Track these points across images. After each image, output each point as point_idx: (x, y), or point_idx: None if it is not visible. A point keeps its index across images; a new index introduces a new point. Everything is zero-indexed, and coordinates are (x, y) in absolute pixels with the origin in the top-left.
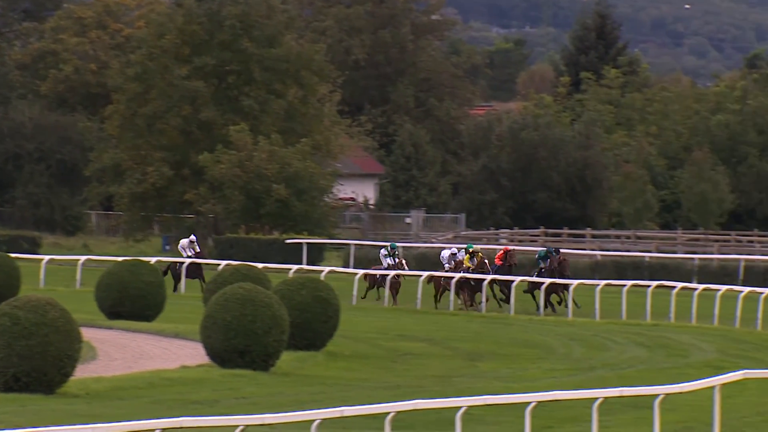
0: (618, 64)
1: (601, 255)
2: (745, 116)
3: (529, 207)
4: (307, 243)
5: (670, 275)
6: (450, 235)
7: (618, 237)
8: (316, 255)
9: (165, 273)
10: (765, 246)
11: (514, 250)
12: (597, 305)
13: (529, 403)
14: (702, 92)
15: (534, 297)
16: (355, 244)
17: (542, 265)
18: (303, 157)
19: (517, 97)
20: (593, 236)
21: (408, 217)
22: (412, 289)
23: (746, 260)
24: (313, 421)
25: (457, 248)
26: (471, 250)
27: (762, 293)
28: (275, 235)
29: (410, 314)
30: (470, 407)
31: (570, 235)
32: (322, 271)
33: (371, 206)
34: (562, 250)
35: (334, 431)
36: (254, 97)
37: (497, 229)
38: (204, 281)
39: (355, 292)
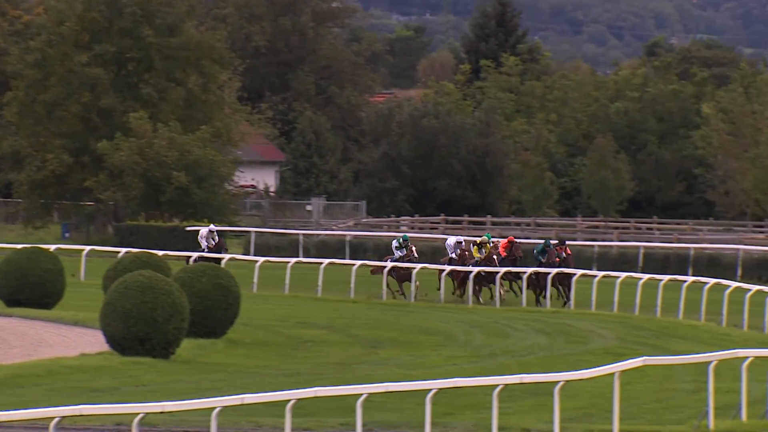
0: (518, 51)
1: None
2: (644, 104)
3: (430, 194)
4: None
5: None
6: (351, 222)
7: (518, 224)
8: None
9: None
10: (664, 233)
11: (518, 241)
12: (497, 293)
13: (430, 390)
14: (601, 80)
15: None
16: (256, 232)
17: (542, 260)
18: (203, 144)
19: (417, 85)
20: (493, 223)
21: (309, 204)
22: (313, 276)
23: (645, 247)
24: (214, 408)
25: (464, 239)
26: (479, 240)
27: (661, 280)
28: (175, 222)
29: (311, 302)
30: (371, 394)
31: (470, 222)
32: (223, 258)
33: (272, 194)
34: (567, 242)
35: (235, 419)
36: (154, 85)
37: (398, 217)
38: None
39: (255, 279)
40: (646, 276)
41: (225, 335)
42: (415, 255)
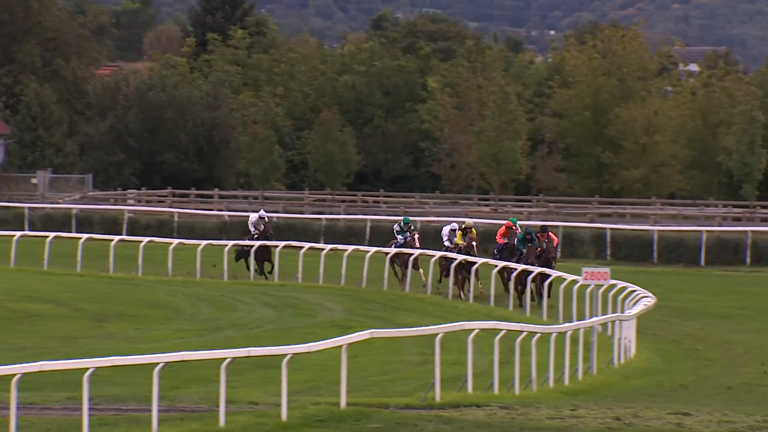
0: (245, 24)
1: (229, 215)
2: (371, 78)
3: (157, 168)
4: None
5: (297, 236)
6: (77, 196)
7: (246, 197)
8: None
9: (237, 259)
10: (391, 206)
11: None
12: (225, 265)
13: (158, 364)
14: (328, 53)
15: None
16: None
17: (523, 249)
18: None
19: (144, 58)
20: (221, 197)
21: (34, 177)
22: (39, 250)
23: (373, 221)
24: None
25: (458, 223)
26: (463, 226)
27: (388, 253)
28: None
29: (37, 275)
30: (98, 368)
31: (198, 195)
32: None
33: None
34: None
35: None
36: None
37: (125, 190)
38: (271, 263)
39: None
40: (374, 249)
41: None
42: (417, 244)
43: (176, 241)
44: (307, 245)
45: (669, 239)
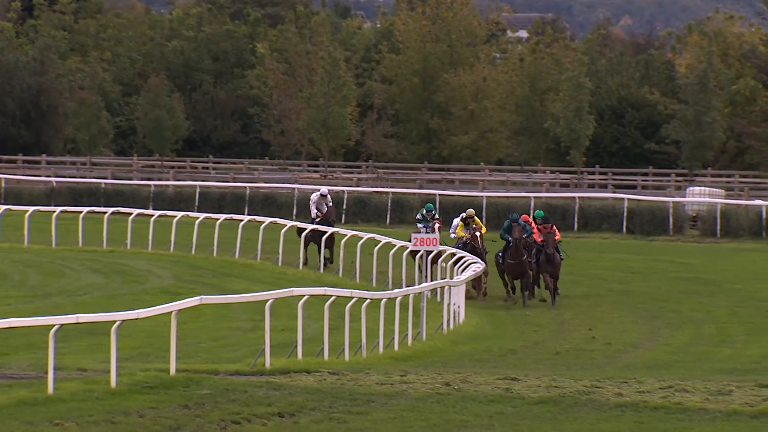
0: None
1: (57, 181)
2: (199, 43)
3: None
4: None
5: (126, 202)
6: None
7: (74, 163)
8: None
9: (306, 244)
10: (220, 172)
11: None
12: (54, 232)
13: None
14: (157, 19)
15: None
16: None
17: (508, 238)
18: None
19: None
20: (48, 162)
21: None
22: None
23: (202, 187)
24: None
25: (465, 213)
26: (464, 216)
27: (218, 219)
28: None
29: None
30: None
31: (25, 161)
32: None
33: None
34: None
35: None
36: None
37: None
38: (330, 249)
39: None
40: (203, 215)
41: None
42: (436, 231)
43: (3, 207)
44: (137, 211)
45: (497, 205)
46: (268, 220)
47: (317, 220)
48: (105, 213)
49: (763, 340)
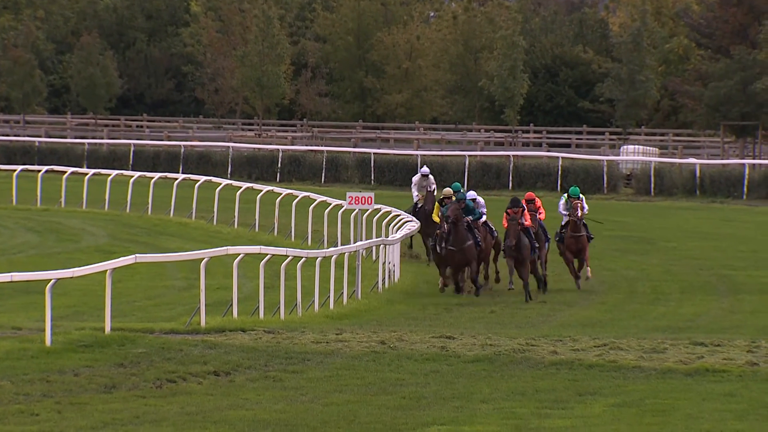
0: None
1: None
2: (133, 1)
3: None
4: None
5: (60, 160)
6: None
7: (7, 122)
8: None
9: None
10: (154, 131)
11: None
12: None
13: None
14: None
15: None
16: None
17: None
18: None
19: None
20: None
21: None
22: None
23: (136, 145)
24: None
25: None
26: (442, 194)
27: (152, 178)
28: None
29: None
30: None
31: None
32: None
33: None
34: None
35: None
36: None
37: None
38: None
39: None
40: (138, 174)
41: None
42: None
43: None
44: (71, 170)
45: (433, 163)
46: (203, 178)
47: (420, 206)
48: (39, 171)
49: (696, 298)
